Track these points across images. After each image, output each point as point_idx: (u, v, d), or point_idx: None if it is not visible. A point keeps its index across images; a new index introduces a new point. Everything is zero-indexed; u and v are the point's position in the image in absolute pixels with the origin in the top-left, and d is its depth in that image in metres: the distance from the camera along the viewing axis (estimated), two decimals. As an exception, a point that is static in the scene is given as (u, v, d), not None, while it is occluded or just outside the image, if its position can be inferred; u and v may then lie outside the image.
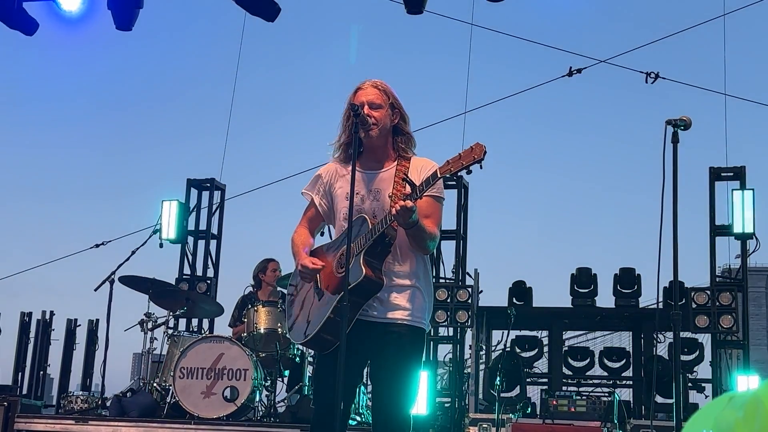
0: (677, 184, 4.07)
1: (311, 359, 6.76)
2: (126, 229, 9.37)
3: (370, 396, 6.13)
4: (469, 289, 8.60)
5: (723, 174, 8.47)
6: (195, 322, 9.17)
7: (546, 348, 10.08)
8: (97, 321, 9.23)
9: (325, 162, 3.73)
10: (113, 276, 7.30)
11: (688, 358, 8.95)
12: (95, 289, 7.39)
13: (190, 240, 9.83)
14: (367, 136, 3.47)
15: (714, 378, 8.28)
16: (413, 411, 3.47)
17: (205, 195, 9.95)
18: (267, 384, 6.74)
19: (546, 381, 9.72)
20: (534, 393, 9.97)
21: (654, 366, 7.91)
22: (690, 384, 8.79)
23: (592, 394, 8.12)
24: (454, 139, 8.81)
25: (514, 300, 9.52)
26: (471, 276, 9.01)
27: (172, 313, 7.22)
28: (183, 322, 8.85)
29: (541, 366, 10.02)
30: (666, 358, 9.00)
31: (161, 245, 8.91)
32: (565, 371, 9.71)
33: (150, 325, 7.03)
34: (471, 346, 8.96)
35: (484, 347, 9.60)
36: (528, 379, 9.39)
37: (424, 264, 3.53)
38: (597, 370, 9.92)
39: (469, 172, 3.21)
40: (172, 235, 9.47)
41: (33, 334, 9.41)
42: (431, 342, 8.75)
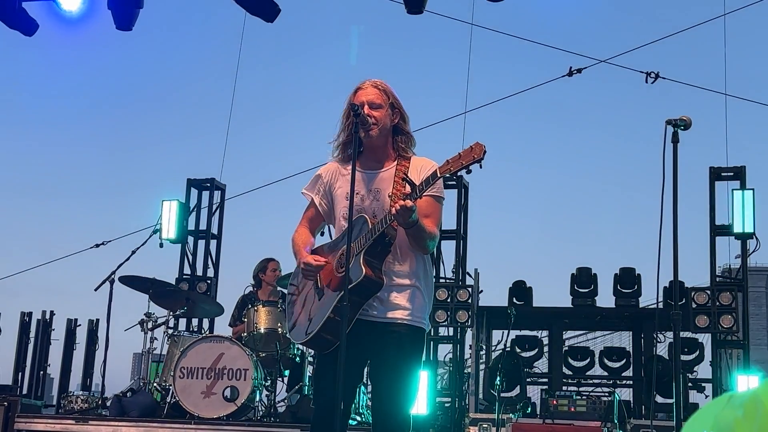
0: (677, 183, 4.07)
1: (311, 359, 6.75)
2: (126, 229, 9.38)
3: (370, 396, 6.13)
4: (470, 289, 8.60)
5: (723, 174, 8.47)
6: (195, 322, 9.17)
7: (546, 348, 10.08)
8: (98, 321, 9.24)
9: (325, 161, 3.73)
10: (113, 276, 7.30)
11: (688, 357, 8.95)
12: (95, 289, 7.39)
13: (190, 240, 9.83)
14: (367, 135, 3.47)
15: (714, 378, 8.28)
16: (413, 411, 3.47)
17: (206, 195, 9.95)
18: (267, 384, 6.74)
19: (546, 381, 9.72)
20: (534, 393, 9.97)
21: (654, 366, 7.91)
22: (690, 384, 8.79)
23: (592, 393, 8.12)
24: (454, 139, 8.83)
25: (514, 300, 9.52)
26: (471, 276, 9.01)
27: (172, 313, 7.22)
28: (183, 322, 8.86)
29: (542, 366, 10.02)
30: (666, 357, 9.00)
31: (161, 245, 8.91)
32: (565, 371, 9.71)
33: (150, 325, 7.03)
34: (471, 345, 8.96)
35: (484, 347, 9.60)
36: (528, 379, 9.39)
37: (424, 263, 3.53)
38: (597, 369, 9.92)
39: (469, 171, 3.21)
40: (172, 235, 9.47)
41: (33, 333, 9.41)
42: (431, 342, 8.75)
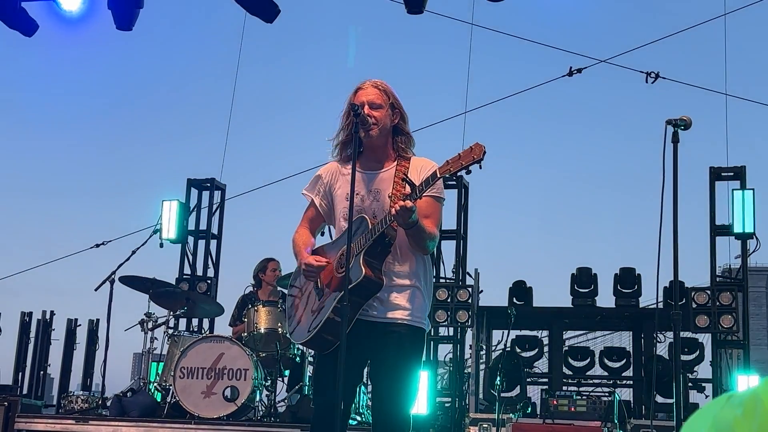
0: (677, 183, 4.07)
1: (311, 359, 6.75)
2: (126, 229, 9.38)
3: (370, 396, 6.13)
4: (470, 289, 8.60)
5: (723, 174, 8.47)
6: (195, 321, 9.17)
7: (546, 348, 10.08)
8: (98, 321, 9.25)
9: (325, 161, 3.73)
10: (113, 276, 7.30)
11: (688, 357, 8.95)
12: (95, 289, 7.39)
13: (190, 240, 9.83)
14: (367, 135, 3.47)
15: (714, 378, 8.28)
16: (413, 411, 3.47)
17: (206, 195, 9.95)
18: (267, 384, 6.74)
19: (546, 381, 9.72)
20: (534, 393, 9.97)
21: (654, 366, 7.91)
22: (690, 384, 8.79)
23: (592, 393, 8.11)
24: (454, 139, 8.82)
25: (514, 300, 9.52)
26: (471, 276, 9.01)
27: (172, 313, 7.23)
28: (183, 321, 8.86)
29: (542, 366, 10.02)
30: (666, 357, 9.00)
31: (161, 245, 8.92)
32: (566, 371, 9.71)
33: (150, 325, 7.03)
34: (471, 345, 8.96)
35: (484, 347, 9.60)
36: (528, 379, 9.39)
37: (424, 264, 3.53)
38: (597, 369, 9.93)
39: (469, 172, 3.21)
40: (172, 235, 9.47)
41: (33, 333, 9.41)
42: (431, 342, 8.75)
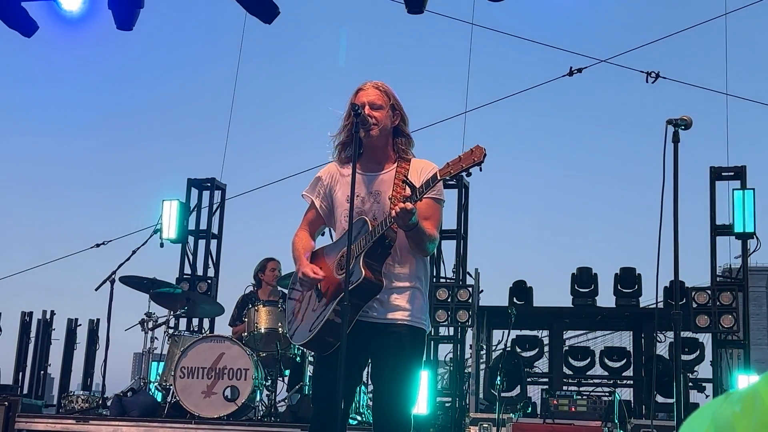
0: (678, 183, 4.07)
1: (312, 359, 6.75)
2: (126, 229, 9.39)
3: (370, 396, 6.13)
4: (470, 289, 8.60)
5: (724, 174, 8.47)
6: (195, 321, 9.17)
7: (546, 347, 10.08)
8: (98, 321, 9.24)
9: (326, 162, 3.73)
10: (114, 276, 7.31)
11: (688, 357, 8.95)
12: (96, 289, 7.39)
13: (190, 240, 9.83)
14: (368, 135, 3.47)
15: (715, 378, 8.28)
16: (414, 411, 3.47)
17: (206, 195, 9.94)
18: (267, 383, 6.75)
19: (546, 381, 9.72)
20: (534, 393, 9.97)
21: (654, 366, 7.91)
22: (691, 384, 8.79)
23: (592, 393, 8.12)
24: (454, 139, 8.82)
25: (514, 299, 9.52)
26: (471, 275, 9.01)
27: (172, 313, 7.23)
28: (183, 321, 8.86)
29: (542, 366, 10.02)
30: (666, 357, 9.00)
31: (162, 245, 8.93)
32: (566, 371, 9.71)
33: (151, 325, 7.04)
34: (471, 345, 8.96)
35: (484, 347, 9.60)
36: (528, 379, 9.39)
37: (424, 265, 3.54)
38: (597, 369, 9.92)
39: (469, 174, 3.21)
40: (172, 235, 9.47)
41: (34, 333, 9.40)
42: (432, 342, 8.75)
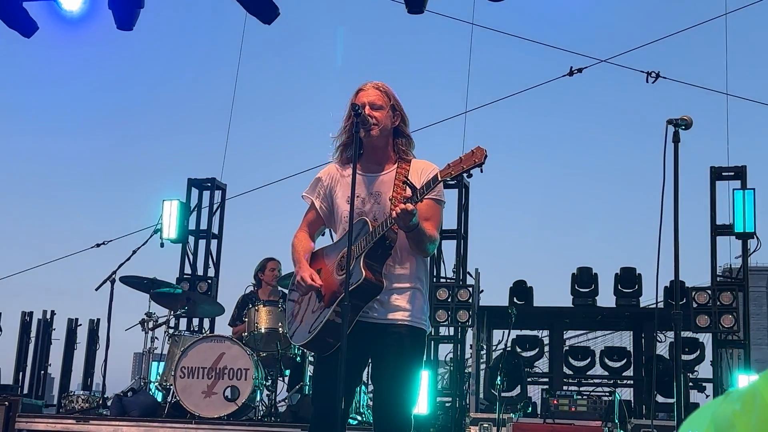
0: (678, 183, 4.07)
1: (312, 359, 6.75)
2: (127, 229, 9.39)
3: (370, 396, 6.13)
4: (470, 289, 8.59)
5: (724, 173, 8.47)
6: (196, 321, 9.17)
7: (547, 347, 10.08)
8: (98, 320, 9.23)
9: (326, 162, 3.73)
10: (114, 275, 7.31)
11: (688, 357, 8.95)
12: (96, 289, 7.39)
13: (190, 240, 9.82)
14: (368, 135, 3.47)
15: (715, 377, 8.27)
16: (414, 411, 3.47)
17: (206, 194, 9.94)
18: (268, 383, 6.75)
19: (547, 380, 9.72)
20: (535, 392, 9.97)
21: (655, 365, 7.91)
22: (691, 384, 8.79)
23: (592, 393, 8.11)
24: (454, 139, 8.82)
25: (514, 299, 9.52)
26: (472, 275, 9.01)
27: (173, 313, 7.23)
28: (184, 321, 8.86)
29: (542, 365, 10.02)
30: (667, 357, 9.01)
31: (162, 245, 8.93)
32: (566, 371, 9.70)
33: (151, 325, 7.04)
34: (472, 345, 8.96)
35: (484, 347, 9.60)
36: (529, 379, 9.39)
37: (424, 266, 3.54)
38: (598, 369, 9.92)
39: (470, 175, 3.21)
40: (172, 235, 9.47)
41: (34, 333, 9.39)
42: (432, 342, 8.75)
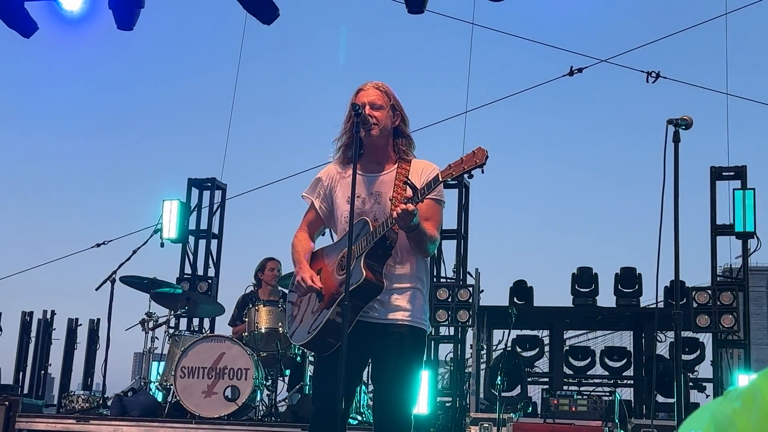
0: (678, 183, 4.07)
1: (312, 358, 6.75)
2: (127, 229, 9.39)
3: (371, 396, 6.13)
4: (470, 289, 8.59)
5: (724, 173, 8.47)
6: (196, 321, 9.17)
7: (547, 347, 10.08)
8: (98, 320, 9.24)
9: (326, 162, 3.72)
10: (114, 275, 7.30)
11: (689, 357, 8.95)
12: (96, 289, 7.39)
13: (191, 239, 9.83)
14: (368, 135, 3.46)
15: (715, 377, 8.28)
16: (414, 411, 3.47)
17: (206, 194, 9.95)
18: (268, 383, 6.75)
19: (547, 380, 9.72)
20: (535, 392, 9.97)
21: (655, 365, 7.91)
22: (691, 383, 8.79)
23: (593, 393, 8.11)
24: (454, 139, 8.82)
25: (515, 299, 9.51)
26: (472, 275, 9.01)
27: (173, 313, 7.23)
28: (184, 321, 8.86)
29: (542, 365, 10.02)
30: (667, 357, 9.01)
31: (162, 245, 8.92)
32: (566, 371, 9.70)
33: (151, 325, 7.04)
34: (472, 345, 8.96)
35: (485, 347, 9.60)
36: (529, 379, 9.39)
37: (425, 266, 3.54)
38: (598, 369, 9.92)
39: (471, 176, 3.21)
40: (173, 235, 9.47)
41: (34, 333, 9.40)
42: (432, 341, 8.75)
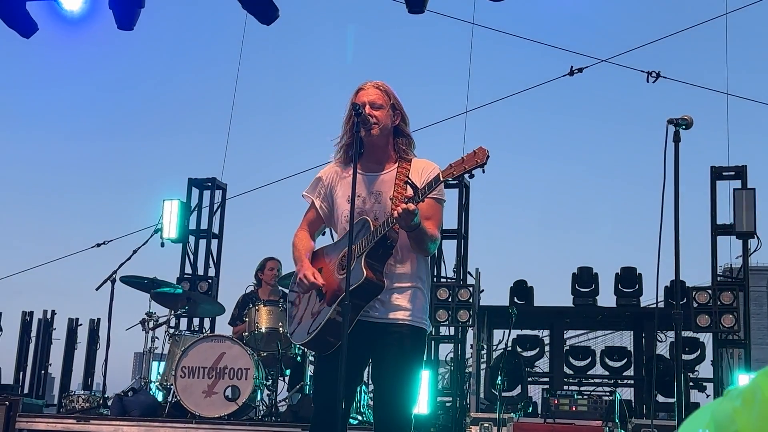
0: (679, 183, 4.07)
1: (312, 358, 6.75)
2: (127, 229, 9.39)
3: (371, 395, 6.13)
4: (471, 289, 8.59)
5: (724, 173, 8.47)
6: (196, 321, 9.18)
7: (547, 347, 10.08)
8: (99, 320, 9.23)
9: (327, 162, 3.72)
10: (115, 275, 7.31)
11: (689, 357, 8.95)
12: (97, 289, 7.39)
13: (191, 239, 9.83)
14: (368, 134, 3.46)
15: (715, 377, 8.28)
16: (415, 410, 3.47)
17: (207, 194, 9.95)
18: (268, 383, 6.75)
19: (547, 380, 9.71)
20: (535, 392, 9.96)
21: (655, 365, 7.91)
22: (691, 383, 8.78)
23: (593, 393, 8.11)
24: (455, 139, 8.82)
25: (515, 299, 9.51)
26: (472, 275, 9.01)
27: (173, 313, 7.23)
28: (184, 321, 8.86)
29: (543, 365, 10.02)
30: (667, 357, 9.00)
31: (162, 244, 8.92)
32: (567, 370, 9.70)
33: (151, 325, 7.04)
34: (472, 345, 8.96)
35: (485, 346, 9.60)
36: (529, 379, 9.38)
37: (425, 265, 3.54)
38: (598, 369, 9.92)
39: (472, 176, 3.21)
40: (173, 235, 9.47)
41: (34, 333, 9.39)
42: (432, 341, 8.76)
